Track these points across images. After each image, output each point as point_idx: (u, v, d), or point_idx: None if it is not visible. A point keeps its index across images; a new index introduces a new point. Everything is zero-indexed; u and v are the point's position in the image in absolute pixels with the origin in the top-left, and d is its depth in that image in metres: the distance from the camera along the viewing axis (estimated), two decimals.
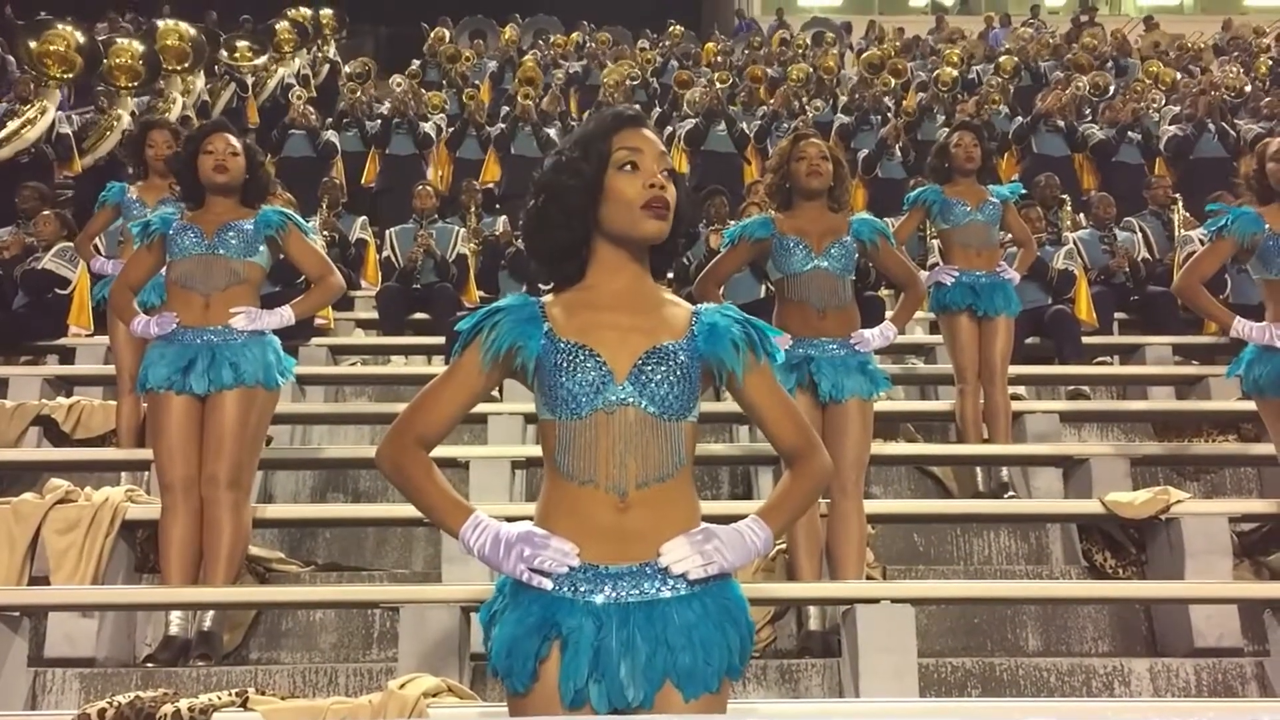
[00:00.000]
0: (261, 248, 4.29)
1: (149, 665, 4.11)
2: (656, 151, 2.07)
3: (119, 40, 10.34)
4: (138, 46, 10.16)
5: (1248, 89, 13.25)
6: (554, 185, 2.07)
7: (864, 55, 14.50)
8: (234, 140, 4.32)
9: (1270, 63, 14.72)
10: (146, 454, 4.85)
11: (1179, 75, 14.05)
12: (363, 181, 11.22)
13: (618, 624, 1.95)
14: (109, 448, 5.56)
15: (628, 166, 2.04)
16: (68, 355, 7.05)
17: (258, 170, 4.39)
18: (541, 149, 10.66)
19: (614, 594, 1.96)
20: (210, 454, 4.10)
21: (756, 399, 2.09)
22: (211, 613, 4.19)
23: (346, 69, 13.20)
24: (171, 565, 4.10)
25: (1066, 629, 4.63)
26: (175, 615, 4.18)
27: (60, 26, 9.46)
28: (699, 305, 2.13)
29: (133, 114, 10.31)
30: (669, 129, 11.44)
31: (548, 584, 1.96)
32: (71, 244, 7.09)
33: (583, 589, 1.96)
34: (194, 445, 4.12)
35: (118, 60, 9.88)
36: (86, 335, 7.01)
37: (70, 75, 9.52)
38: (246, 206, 4.35)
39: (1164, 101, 12.43)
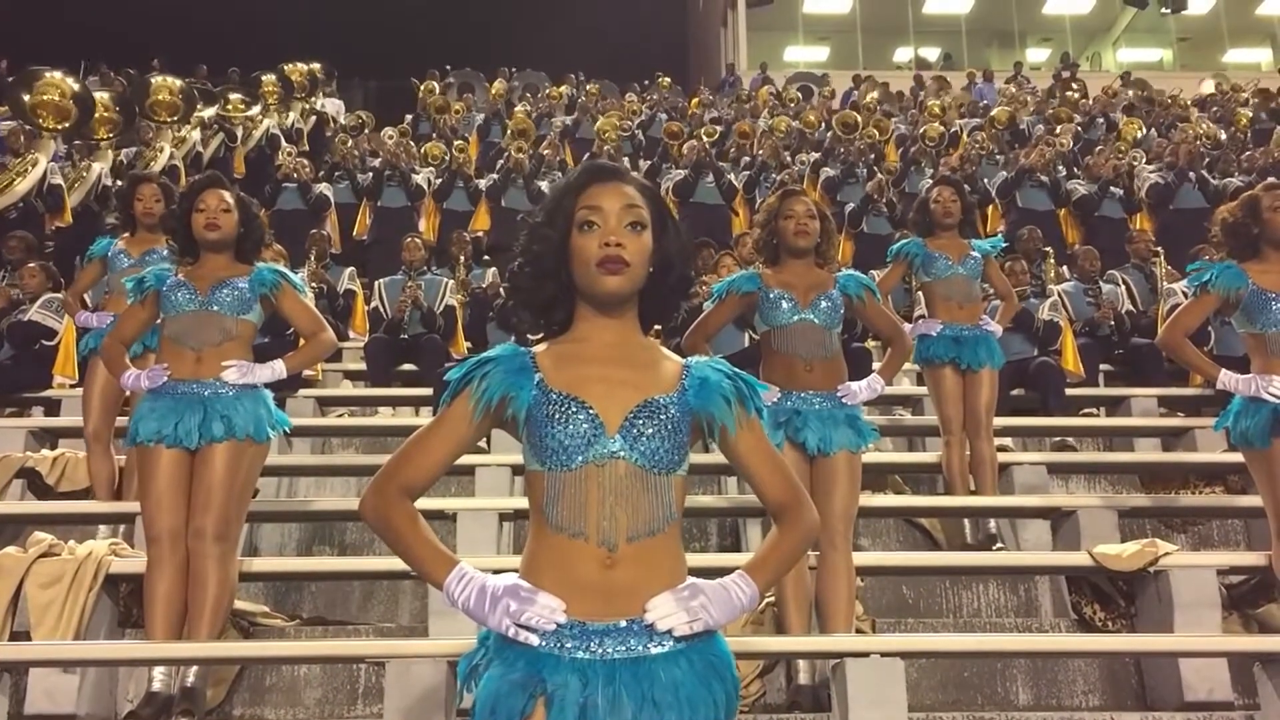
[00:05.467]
0: (255, 306, 4.29)
1: None
2: (620, 206, 2.05)
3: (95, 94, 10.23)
4: (108, 98, 10.11)
5: (1222, 136, 13.46)
6: (526, 250, 2.10)
7: (837, 115, 14.60)
8: (227, 196, 4.31)
9: (1249, 117, 14.96)
10: (130, 507, 4.82)
11: (1153, 132, 14.25)
12: (354, 233, 11.27)
13: (603, 681, 1.92)
14: (92, 500, 5.52)
15: (585, 226, 2.04)
16: (53, 407, 7.03)
17: (252, 224, 4.38)
18: (532, 201, 10.74)
19: (600, 651, 1.94)
20: (198, 507, 4.07)
21: (745, 453, 2.09)
22: (195, 668, 4.13)
23: (342, 120, 13.33)
24: (156, 619, 4.05)
25: (1056, 682, 4.61)
26: (158, 671, 4.13)
27: (51, 75, 9.36)
28: (689, 359, 2.13)
29: (120, 164, 10.33)
30: (659, 181, 11.53)
31: (534, 640, 1.93)
32: (58, 295, 7.09)
33: (568, 645, 1.94)
34: (182, 498, 4.09)
35: (95, 114, 9.79)
36: (71, 386, 6.98)
37: (66, 126, 9.41)
38: (242, 262, 4.35)
39: (1144, 159, 12.59)
